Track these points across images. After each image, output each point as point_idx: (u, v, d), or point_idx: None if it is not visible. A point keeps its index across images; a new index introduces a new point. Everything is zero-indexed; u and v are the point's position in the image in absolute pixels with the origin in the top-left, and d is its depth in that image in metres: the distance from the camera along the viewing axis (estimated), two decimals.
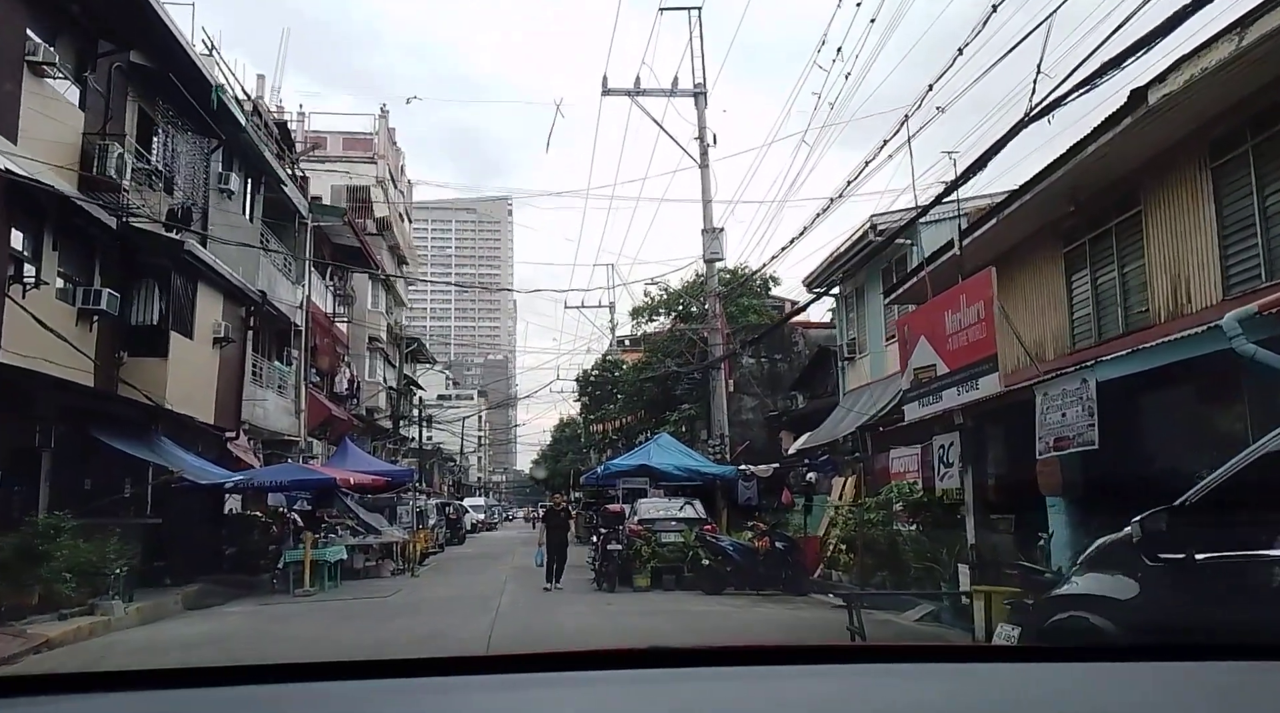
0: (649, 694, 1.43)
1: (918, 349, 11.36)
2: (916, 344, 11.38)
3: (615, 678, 1.50)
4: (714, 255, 25.94)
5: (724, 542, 15.02)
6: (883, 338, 19.15)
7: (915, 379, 11.48)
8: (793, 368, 28.60)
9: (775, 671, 1.52)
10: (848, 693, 1.43)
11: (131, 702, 1.41)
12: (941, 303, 10.87)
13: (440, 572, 22.04)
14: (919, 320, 11.58)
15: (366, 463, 21.27)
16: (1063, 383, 8.45)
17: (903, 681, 1.51)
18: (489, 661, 1.63)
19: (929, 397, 11.04)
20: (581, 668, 1.55)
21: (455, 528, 38.08)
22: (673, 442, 22.90)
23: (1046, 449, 8.76)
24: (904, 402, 11.85)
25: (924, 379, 11.24)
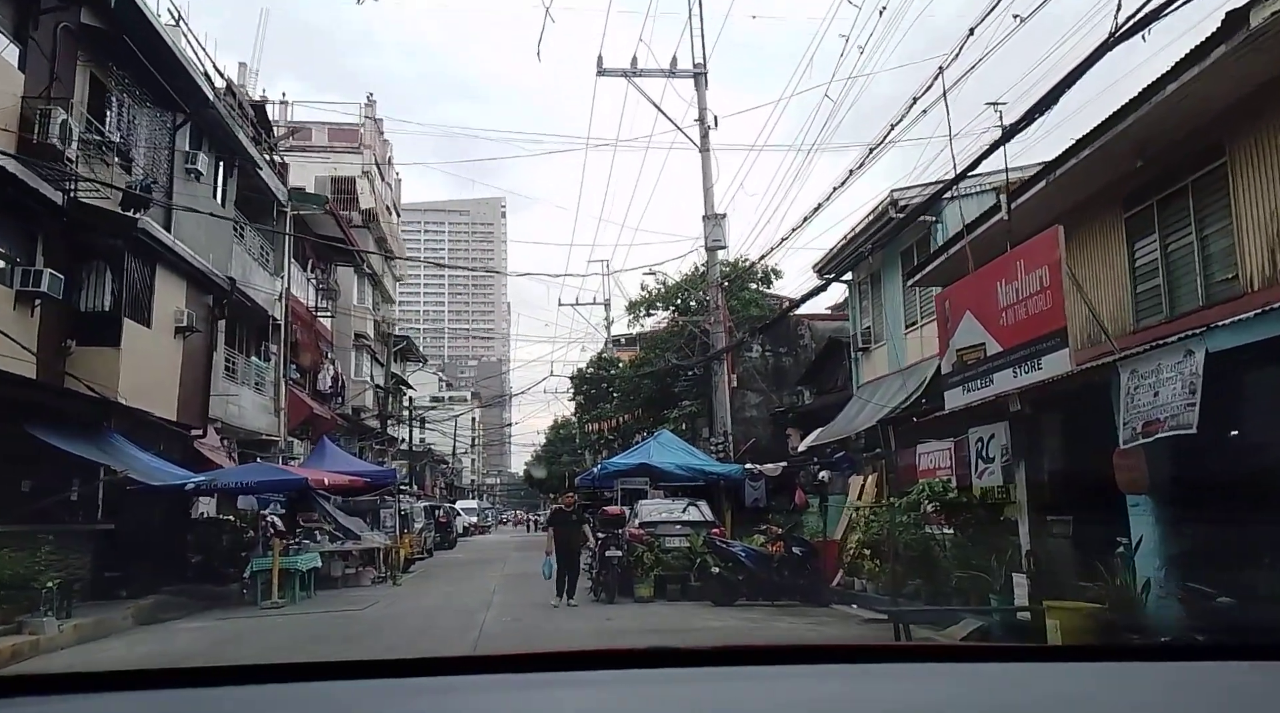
0: (649, 694, 1.41)
1: (961, 327, 9.92)
2: (960, 321, 9.95)
3: (615, 678, 1.49)
4: (716, 243, 24.54)
5: (735, 547, 13.56)
6: (902, 325, 17.72)
7: (959, 361, 10.04)
8: (799, 362, 27.18)
9: (775, 671, 1.50)
10: (848, 693, 1.41)
11: (131, 702, 1.40)
12: (992, 272, 9.43)
13: (425, 580, 20.53)
14: (963, 294, 10.13)
15: (345, 463, 19.78)
16: (1159, 357, 7.02)
17: (903, 681, 1.48)
18: (489, 660, 1.60)
19: (977, 381, 9.59)
20: (581, 668, 1.53)
21: (445, 532, 36.58)
22: (674, 439, 21.45)
23: (1133, 436, 7.33)
24: (945, 387, 10.41)
25: (969, 361, 9.80)
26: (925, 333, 16.70)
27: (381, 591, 17.79)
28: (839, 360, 23.32)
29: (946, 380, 10.39)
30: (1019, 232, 10.74)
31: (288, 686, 1.43)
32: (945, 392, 10.49)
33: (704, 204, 25.06)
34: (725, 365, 24.44)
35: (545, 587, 17.48)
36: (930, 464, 13.60)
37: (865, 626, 11.23)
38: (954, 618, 10.16)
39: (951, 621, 10.21)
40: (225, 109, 21.43)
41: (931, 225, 16.08)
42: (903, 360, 17.65)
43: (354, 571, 19.41)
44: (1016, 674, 1.54)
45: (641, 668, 1.53)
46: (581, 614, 12.76)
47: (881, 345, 18.90)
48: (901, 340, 17.81)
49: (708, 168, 25.32)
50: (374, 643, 10.19)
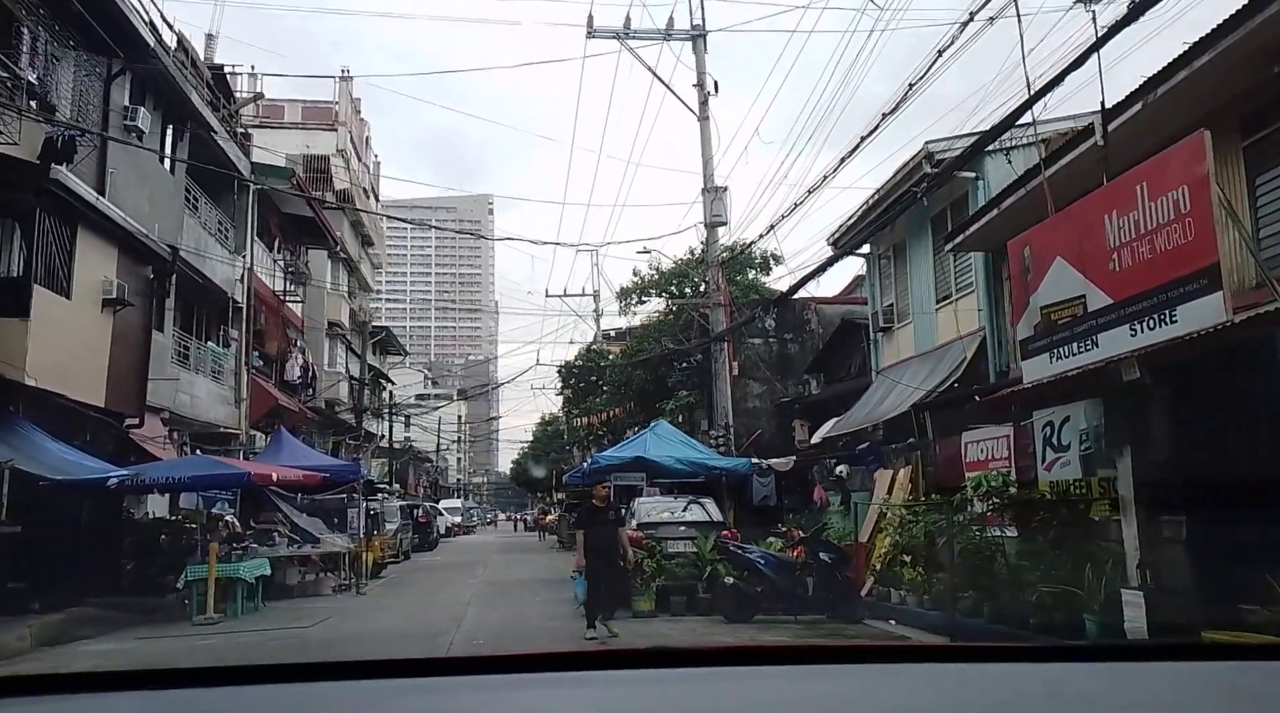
0: (649, 694, 1.41)
1: (1050, 278, 7.87)
2: (1047, 272, 7.89)
3: (615, 678, 1.48)
4: (716, 218, 22.47)
5: (752, 553, 11.45)
6: (933, 300, 15.69)
7: (1045, 322, 7.98)
8: (805, 349, 25.13)
9: (775, 671, 1.49)
10: (848, 693, 1.40)
11: (131, 702, 1.40)
12: (1096, 204, 7.38)
13: (394, 587, 18.40)
14: (1051, 238, 8.07)
15: (304, 457, 17.61)
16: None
17: (904, 680, 1.47)
18: (489, 661, 1.58)
19: (1073, 344, 7.53)
20: (581, 668, 1.53)
21: (425, 533, 34.39)
22: (673, 431, 19.35)
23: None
24: (1025, 355, 8.35)
25: (1061, 320, 7.75)
26: (961, 307, 14.69)
27: (342, 601, 15.65)
28: (852, 345, 21.30)
29: (1027, 346, 8.33)
30: (1091, 174, 8.69)
31: (287, 686, 1.42)
32: (1024, 362, 8.44)
33: (703, 177, 23.04)
34: (727, 350, 22.40)
35: (526, 597, 15.42)
36: (980, 455, 11.57)
37: None
38: None
39: None
40: (174, 65, 19.25)
41: (971, 183, 14.04)
42: (934, 339, 15.62)
43: (314, 577, 17.26)
44: (1017, 674, 1.52)
45: (641, 668, 1.53)
46: (570, 634, 10.65)
47: (906, 324, 16.86)
48: (931, 317, 15.78)
49: (707, 137, 23.31)
50: None
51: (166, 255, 16.94)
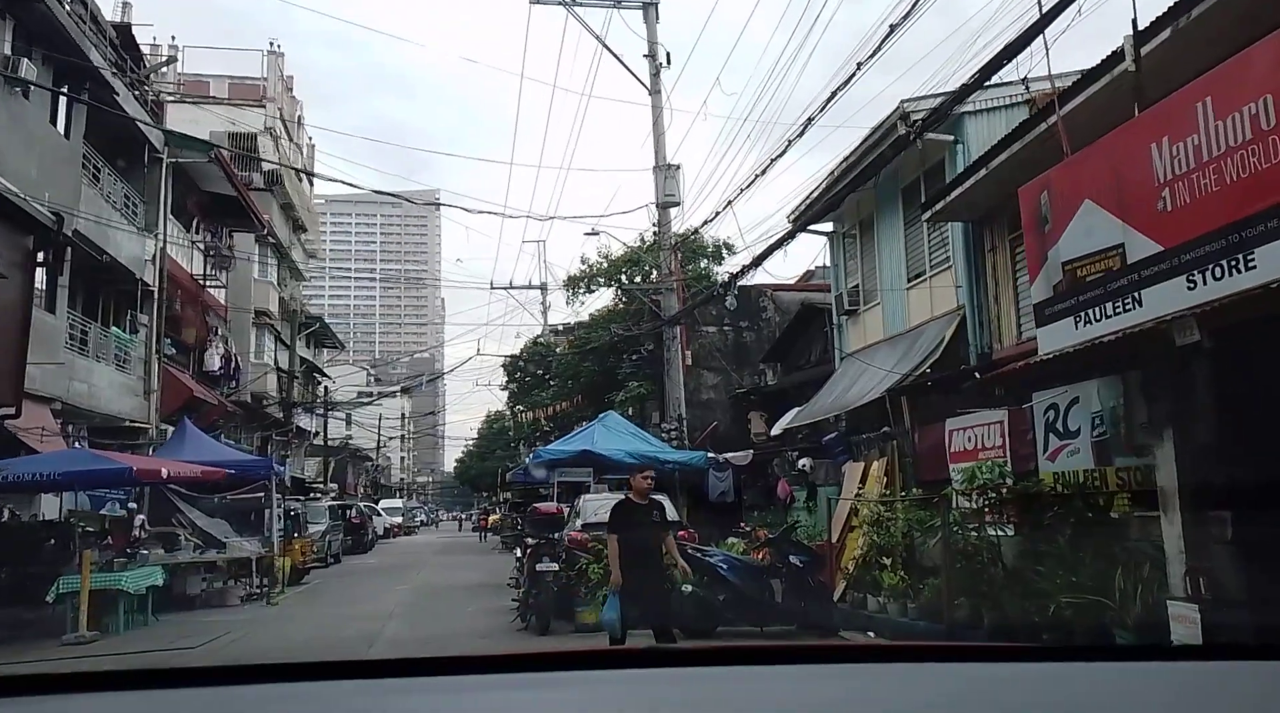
0: (649, 694, 1.39)
1: (1076, 226, 6.56)
2: (1072, 219, 6.58)
3: (614, 678, 1.48)
4: (668, 198, 21.09)
5: (713, 556, 10.01)
6: (904, 278, 14.44)
7: (1069, 281, 6.67)
8: (761, 338, 23.86)
9: (775, 671, 1.48)
10: (848, 693, 1.39)
11: (131, 702, 1.39)
12: (1143, 130, 6.08)
13: (312, 596, 16.65)
14: (1075, 178, 6.74)
15: (210, 451, 15.75)
16: None
17: (904, 680, 1.46)
18: (488, 660, 1.55)
19: (1110, 304, 6.21)
20: (580, 668, 1.52)
21: (359, 535, 32.43)
22: (623, 422, 17.89)
23: None
24: (1043, 320, 7.04)
25: (1090, 276, 6.44)
26: (936, 285, 13.46)
27: (247, 613, 13.90)
28: (813, 331, 20.06)
29: (1044, 311, 7.02)
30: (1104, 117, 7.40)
31: (287, 685, 1.42)
32: (1040, 330, 7.13)
33: (654, 154, 21.65)
34: (680, 337, 21.02)
35: (457, 606, 13.84)
36: (968, 444, 10.31)
37: None
38: None
39: None
40: (67, 14, 17.25)
41: (949, 147, 12.80)
42: (905, 321, 14.38)
43: (221, 585, 15.43)
44: (1016, 674, 1.52)
45: (641, 668, 1.53)
46: None
47: (874, 306, 15.61)
48: (902, 297, 14.54)
49: (659, 112, 21.94)
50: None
51: (50, 224, 14.97)
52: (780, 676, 1.45)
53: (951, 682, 1.45)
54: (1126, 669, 1.55)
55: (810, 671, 1.49)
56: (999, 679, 1.47)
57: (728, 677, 1.46)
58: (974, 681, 1.45)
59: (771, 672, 1.47)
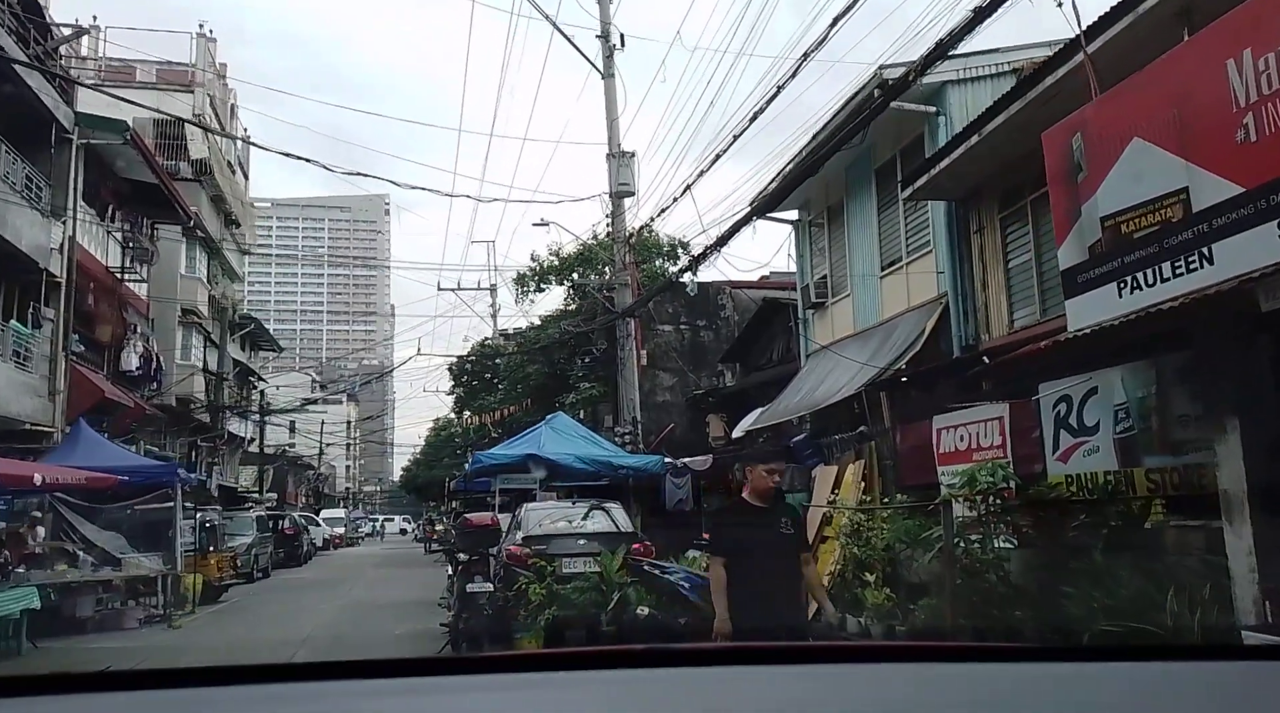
0: (649, 694, 1.39)
1: (1120, 172, 5.40)
2: (1116, 163, 5.39)
3: (614, 678, 1.46)
4: (622, 187, 19.86)
5: (673, 573, 8.68)
6: (877, 266, 13.31)
7: (1113, 238, 5.49)
8: (719, 338, 22.68)
9: (775, 671, 1.49)
10: (848, 693, 1.39)
11: (131, 702, 1.39)
12: (1213, 44, 4.91)
13: (226, 617, 14.97)
14: (1120, 113, 5.57)
15: (106, 456, 14.01)
16: None
17: (903, 680, 1.46)
18: (488, 661, 1.63)
19: (1169, 263, 5.03)
20: (580, 668, 1.51)
21: (292, 547, 30.53)
22: (573, 424, 16.55)
23: None
24: (1075, 289, 5.85)
25: (1140, 231, 5.25)
26: (914, 272, 12.34)
27: (143, 638, 12.24)
28: (775, 328, 18.91)
29: (1076, 278, 5.83)
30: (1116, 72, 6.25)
31: (287, 685, 1.42)
32: (1071, 301, 5.95)
33: (607, 141, 20.38)
34: (634, 334, 19.72)
35: (384, 628, 12.31)
36: (960, 443, 9.12)
37: None
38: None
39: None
40: None
41: (929, 120, 11.69)
42: (879, 313, 13.25)
43: (119, 606, 13.73)
44: (1016, 674, 1.51)
45: (641, 668, 1.52)
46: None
47: (844, 298, 14.46)
48: (875, 288, 13.41)
49: (612, 97, 20.71)
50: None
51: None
52: (780, 676, 1.45)
53: (952, 682, 1.43)
54: (1127, 670, 1.52)
55: (810, 671, 1.49)
56: (999, 679, 1.45)
57: (728, 677, 1.45)
58: (974, 681, 1.44)
59: (771, 672, 1.47)
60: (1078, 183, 5.77)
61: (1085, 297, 5.69)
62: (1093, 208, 5.59)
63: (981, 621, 7.06)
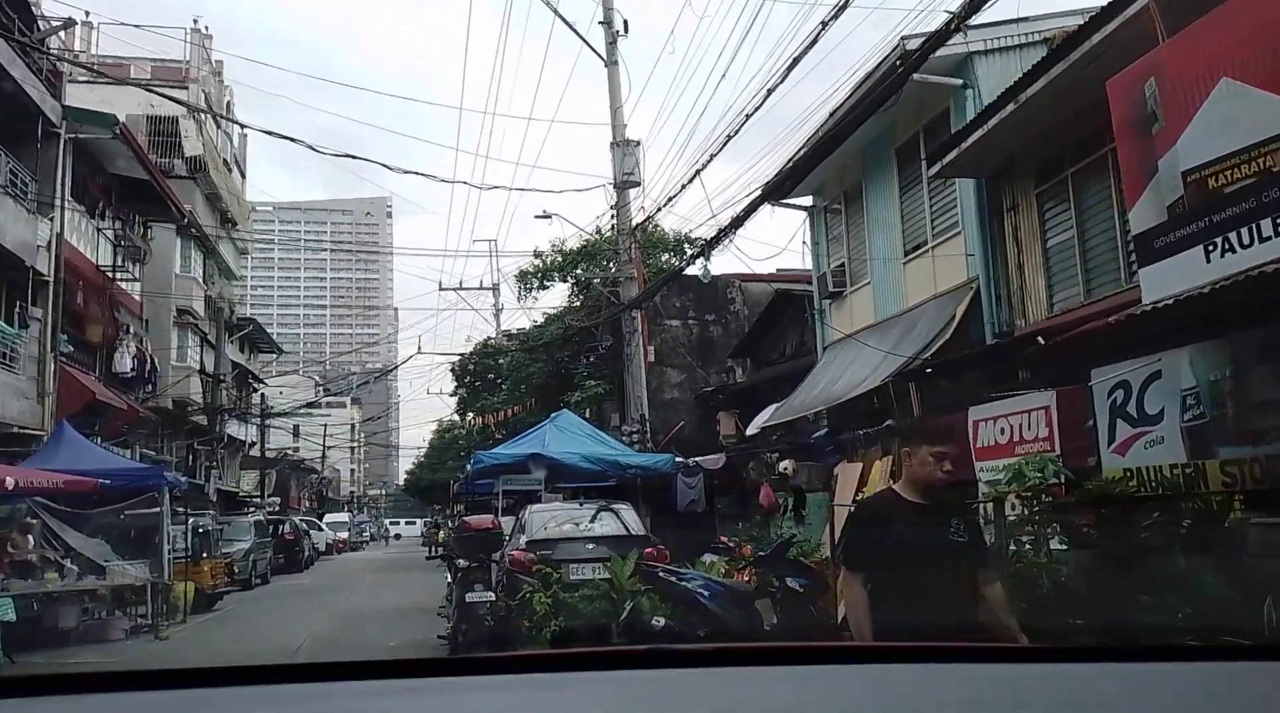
0: (649, 694, 1.39)
1: (1206, 117, 4.69)
2: (1200, 108, 4.69)
3: (615, 678, 1.46)
4: (627, 177, 19.19)
5: (690, 579, 7.97)
6: (900, 251, 12.59)
7: (1197, 194, 4.78)
8: (729, 332, 21.97)
9: (775, 671, 1.47)
10: (848, 693, 1.39)
11: (131, 702, 1.39)
12: None
13: (216, 627, 14.29)
14: (1204, 51, 4.87)
15: (89, 458, 13.31)
16: None
17: (903, 680, 1.45)
18: (488, 661, 1.60)
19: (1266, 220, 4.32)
20: (581, 668, 1.51)
21: (292, 552, 29.85)
22: (578, 422, 15.86)
23: None
24: (1152, 255, 5.15)
25: (1233, 184, 4.55)
26: (941, 256, 11.62)
27: (127, 650, 11.60)
28: (787, 322, 18.21)
29: (1151, 243, 5.13)
30: None
31: (287, 686, 1.42)
32: (1146, 270, 5.26)
33: (612, 129, 19.73)
34: (641, 329, 19.02)
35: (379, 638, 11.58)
36: (1001, 436, 8.40)
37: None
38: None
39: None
40: None
41: (956, 93, 10.97)
42: (902, 300, 12.53)
43: (104, 616, 13.05)
44: (1016, 674, 1.50)
45: (641, 668, 1.51)
46: None
47: (863, 286, 13.75)
48: (898, 274, 12.69)
49: (616, 84, 20.07)
50: None
51: None
52: (780, 676, 1.43)
53: (952, 682, 1.42)
54: (1127, 670, 1.51)
55: (810, 671, 1.48)
56: (999, 679, 1.44)
57: (728, 677, 1.44)
58: (974, 681, 1.43)
59: (771, 672, 1.45)
60: (1152, 135, 5.08)
61: (1164, 264, 5.00)
62: (1172, 162, 4.90)
63: (1034, 628, 6.34)
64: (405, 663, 1.49)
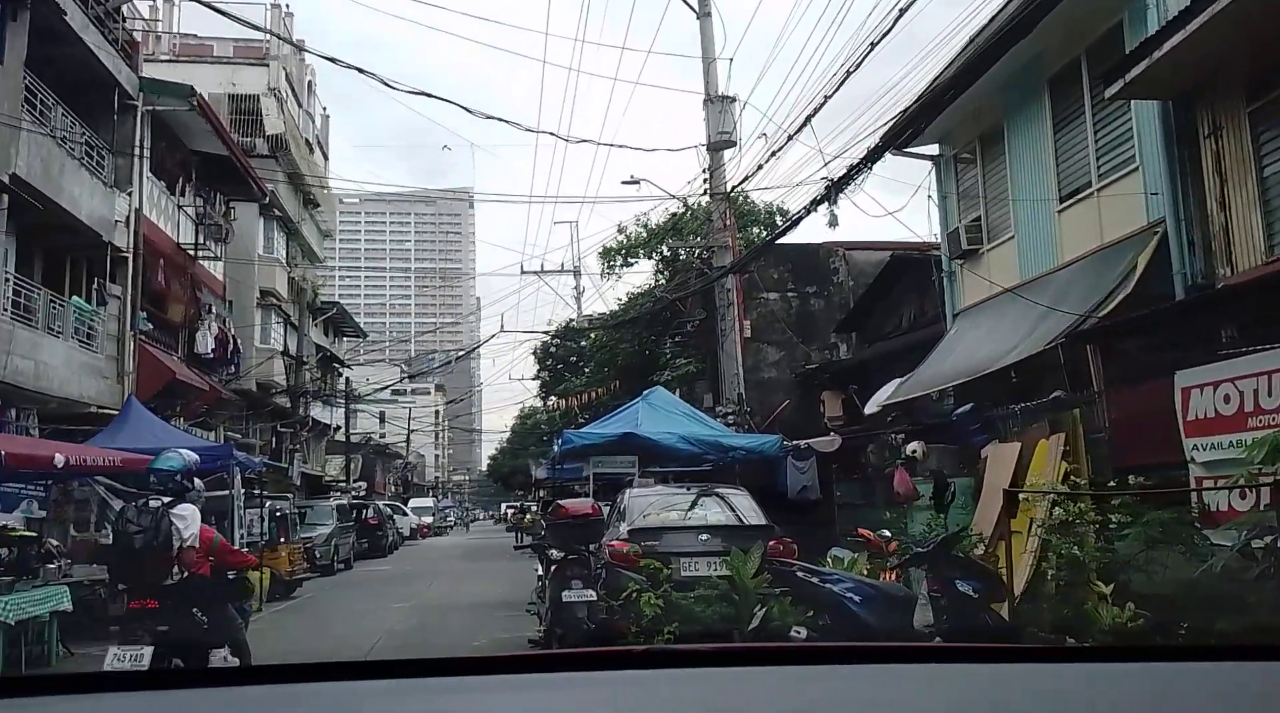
0: (649, 694, 1.39)
1: None
2: None
3: (615, 678, 1.46)
4: (722, 136, 17.73)
5: (835, 580, 6.47)
6: (1054, 198, 10.80)
7: None
8: (831, 306, 20.26)
9: (775, 671, 1.47)
10: (848, 693, 1.38)
11: (131, 702, 1.39)
12: None
13: (290, 618, 13.38)
14: None
15: (155, 436, 12.46)
16: None
17: (904, 681, 1.45)
18: (489, 661, 1.59)
19: None
20: (581, 668, 1.52)
21: (375, 537, 29.28)
22: (673, 400, 14.51)
23: None
24: None
25: None
26: (1109, 198, 9.81)
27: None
28: (901, 291, 16.47)
29: None
30: None
31: (288, 686, 1.41)
32: None
33: (704, 85, 18.25)
34: (737, 302, 17.52)
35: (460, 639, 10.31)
36: (1223, 406, 6.68)
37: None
38: None
39: None
40: None
41: (1132, 4, 9.15)
42: (1055, 255, 10.76)
43: None
44: (1016, 674, 1.49)
45: (641, 668, 1.52)
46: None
47: (1004, 241, 11.98)
48: (1051, 224, 10.91)
49: (709, 36, 18.62)
50: None
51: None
52: (781, 676, 1.43)
53: (951, 682, 1.43)
54: (1128, 670, 1.51)
55: (810, 671, 1.48)
56: (999, 679, 1.44)
57: (728, 677, 1.45)
58: (974, 680, 1.43)
59: (772, 672, 1.45)
60: None
61: None
62: None
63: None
64: (406, 663, 1.44)
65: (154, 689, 1.41)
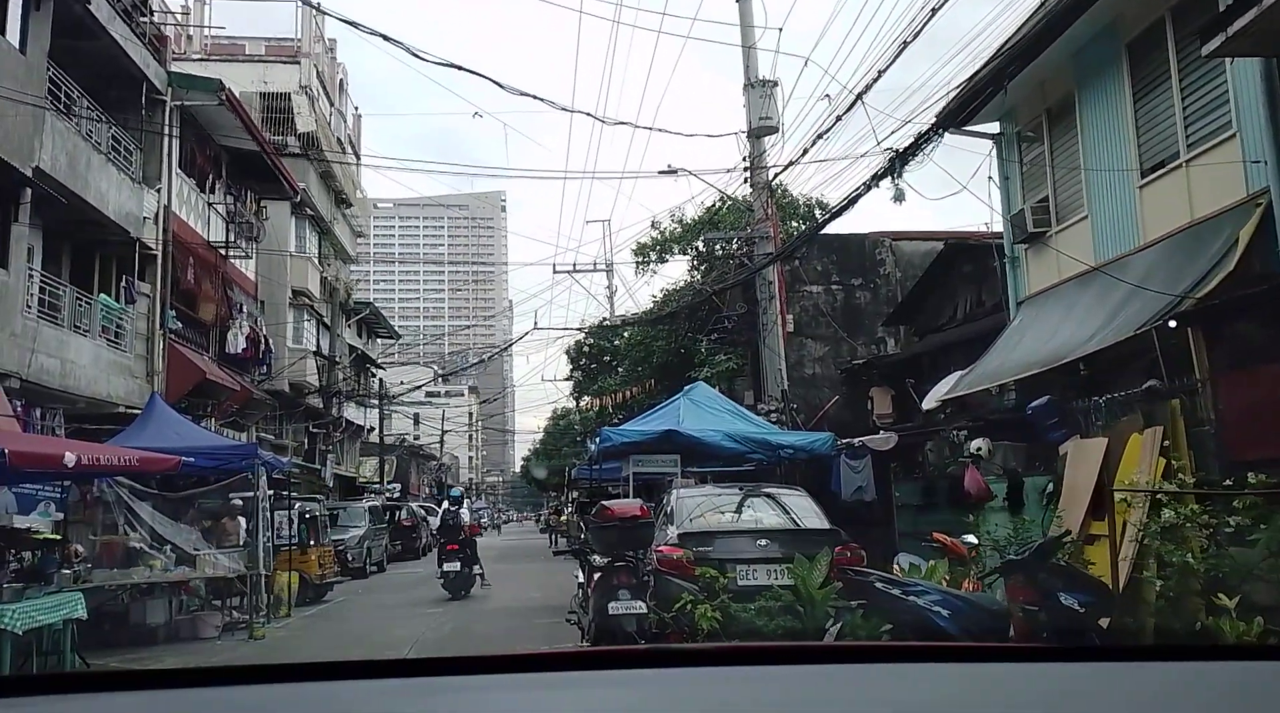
0: (649, 694, 1.38)
1: None
2: None
3: (615, 678, 1.46)
4: (764, 122, 16.96)
5: (921, 593, 5.69)
6: (1134, 172, 9.93)
7: None
8: (878, 299, 19.40)
9: (775, 671, 1.47)
10: (848, 693, 1.38)
11: (131, 702, 1.37)
12: None
13: (318, 625, 12.81)
14: None
15: (179, 436, 11.92)
16: None
17: (904, 681, 1.43)
18: (490, 661, 1.52)
19: None
20: (582, 668, 1.51)
21: (410, 539, 28.83)
22: (715, 396, 13.75)
23: None
24: None
25: None
26: (1200, 166, 8.94)
27: (216, 651, 10.11)
28: (956, 281, 15.60)
29: None
30: None
31: (288, 686, 1.40)
32: None
33: (744, 70, 17.53)
34: (779, 295, 16.77)
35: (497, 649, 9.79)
36: None
37: None
38: None
39: None
40: None
41: None
42: (1136, 236, 9.88)
43: (197, 611, 11.71)
44: (1016, 674, 1.48)
45: (641, 668, 1.51)
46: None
47: (1077, 221, 11.11)
48: (1131, 201, 10.04)
49: (749, 18, 17.89)
50: None
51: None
52: (781, 676, 1.43)
53: (952, 682, 1.42)
54: (1128, 670, 1.50)
55: (811, 671, 1.48)
56: (999, 679, 1.44)
57: (728, 677, 1.44)
58: (974, 680, 1.43)
59: (772, 672, 1.45)
60: None
61: None
62: None
63: None
64: (407, 663, 1.42)
65: (156, 689, 1.38)
